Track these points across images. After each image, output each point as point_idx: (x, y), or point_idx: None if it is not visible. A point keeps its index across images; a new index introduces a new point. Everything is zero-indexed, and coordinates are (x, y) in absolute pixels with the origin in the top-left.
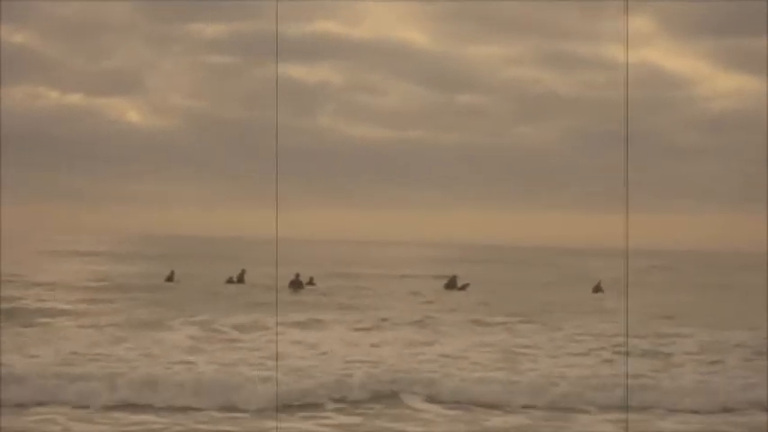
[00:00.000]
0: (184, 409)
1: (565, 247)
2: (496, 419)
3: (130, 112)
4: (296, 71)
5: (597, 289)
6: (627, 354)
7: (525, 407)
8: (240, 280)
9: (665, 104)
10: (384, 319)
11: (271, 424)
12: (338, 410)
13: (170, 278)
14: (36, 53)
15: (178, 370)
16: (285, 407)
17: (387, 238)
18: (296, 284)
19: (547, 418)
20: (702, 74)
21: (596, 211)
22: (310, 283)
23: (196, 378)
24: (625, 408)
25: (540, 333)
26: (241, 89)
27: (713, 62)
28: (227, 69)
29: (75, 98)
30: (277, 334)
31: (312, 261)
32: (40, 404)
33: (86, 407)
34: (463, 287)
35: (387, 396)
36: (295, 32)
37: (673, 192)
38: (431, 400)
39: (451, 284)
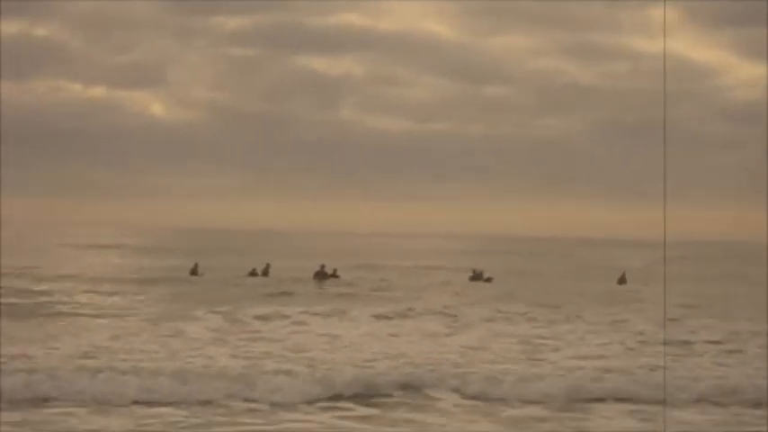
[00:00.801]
0: (204, 403)
1: (589, 238)
2: (517, 411)
3: (153, 105)
4: (319, 63)
5: (622, 280)
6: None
7: (546, 398)
8: (265, 273)
9: (691, 95)
10: (408, 311)
11: (293, 416)
12: (361, 402)
13: (194, 271)
14: (59, 47)
15: (200, 363)
16: (307, 399)
17: (411, 229)
18: (321, 275)
19: (568, 409)
20: (727, 63)
21: (621, 202)
22: (334, 275)
23: (218, 371)
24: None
25: (564, 324)
26: (264, 82)
27: (737, 51)
28: (249, 62)
29: (98, 91)
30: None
31: (336, 253)
32: (60, 397)
33: (107, 400)
34: (488, 279)
35: (410, 388)
36: (318, 25)
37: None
38: (454, 391)
39: (477, 276)
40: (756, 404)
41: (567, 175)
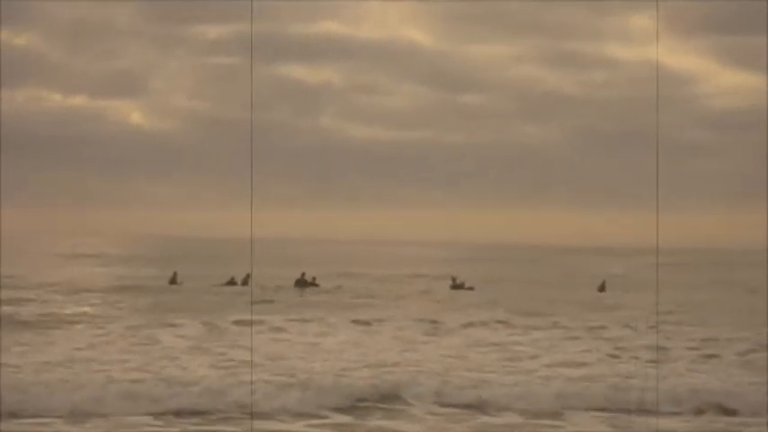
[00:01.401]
0: (179, 412)
1: (570, 246)
2: (493, 418)
3: (134, 114)
4: (299, 72)
5: (602, 288)
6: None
7: (522, 405)
8: (245, 283)
9: (671, 102)
10: (388, 319)
11: (268, 425)
12: (337, 410)
13: (173, 280)
14: (38, 55)
15: (176, 372)
16: (283, 408)
17: (391, 238)
18: (301, 283)
19: (544, 416)
20: (707, 71)
21: (602, 210)
22: (313, 283)
23: (195, 380)
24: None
25: (542, 332)
26: (245, 90)
27: (716, 60)
28: (230, 71)
29: (78, 100)
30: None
31: (317, 261)
32: (35, 410)
33: (81, 411)
34: (469, 287)
35: (387, 395)
36: (297, 33)
37: (677, 190)
38: (431, 399)
39: (457, 285)
40: (731, 412)
41: (548, 183)
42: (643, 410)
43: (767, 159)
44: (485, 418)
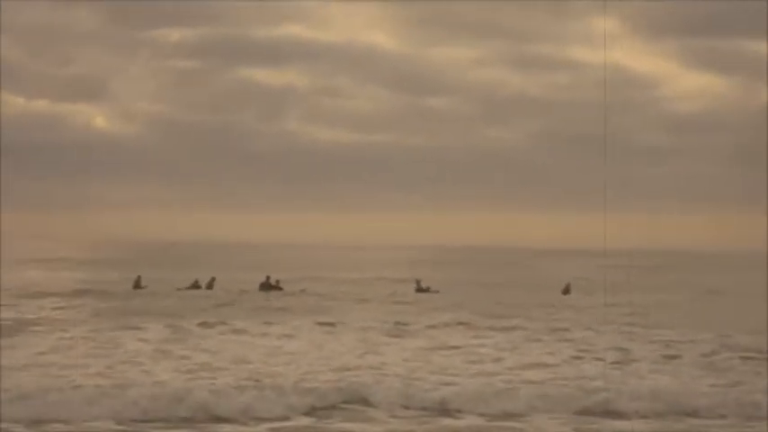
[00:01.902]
0: (141, 417)
1: (534, 248)
2: (455, 421)
3: (97, 118)
4: (262, 75)
5: (566, 290)
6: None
7: (486, 409)
8: (210, 287)
9: (632, 105)
10: (350, 323)
11: (230, 428)
12: (299, 413)
13: (137, 284)
14: (1, 60)
15: (139, 376)
16: (246, 411)
17: (356, 241)
18: (266, 287)
19: (506, 418)
20: (669, 74)
21: (567, 212)
22: (277, 286)
23: (157, 384)
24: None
25: (506, 334)
26: (206, 94)
27: (679, 62)
28: (192, 74)
29: (41, 104)
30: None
31: (281, 265)
32: None
33: (44, 416)
34: (433, 291)
35: (349, 398)
36: (261, 36)
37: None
38: (393, 401)
39: (421, 288)
40: (692, 414)
41: (512, 186)
42: (606, 412)
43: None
44: (447, 421)
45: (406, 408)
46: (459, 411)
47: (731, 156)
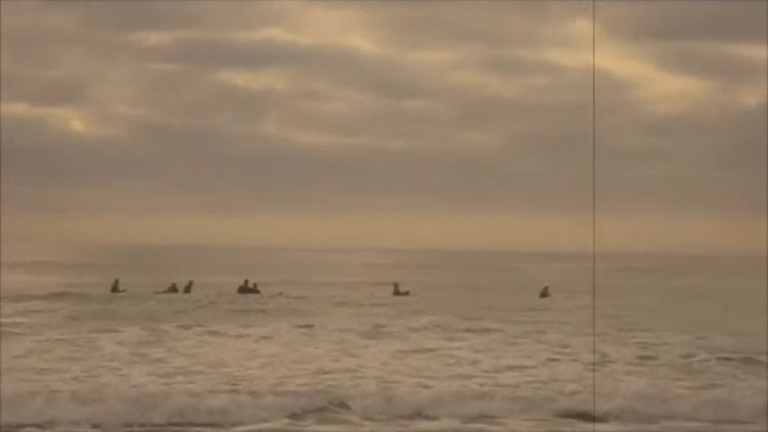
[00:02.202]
0: (115, 421)
1: (513, 252)
2: (431, 424)
3: (75, 122)
4: (241, 78)
5: (545, 293)
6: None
7: (461, 412)
8: (187, 290)
9: (610, 107)
10: (327, 326)
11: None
12: (274, 416)
13: (115, 288)
14: None
15: (114, 380)
16: (224, 415)
17: (335, 244)
18: (244, 290)
19: (481, 421)
20: (647, 76)
21: (546, 215)
22: (254, 290)
23: (133, 389)
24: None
25: (483, 337)
26: (185, 97)
27: (657, 65)
28: (171, 77)
29: (19, 108)
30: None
31: (259, 268)
32: None
33: (23, 423)
34: (411, 294)
35: (325, 402)
36: (241, 39)
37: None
38: (370, 406)
39: (400, 291)
40: (668, 416)
41: (491, 189)
42: (581, 414)
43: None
44: (423, 424)
45: (382, 411)
46: (434, 414)
47: (711, 158)
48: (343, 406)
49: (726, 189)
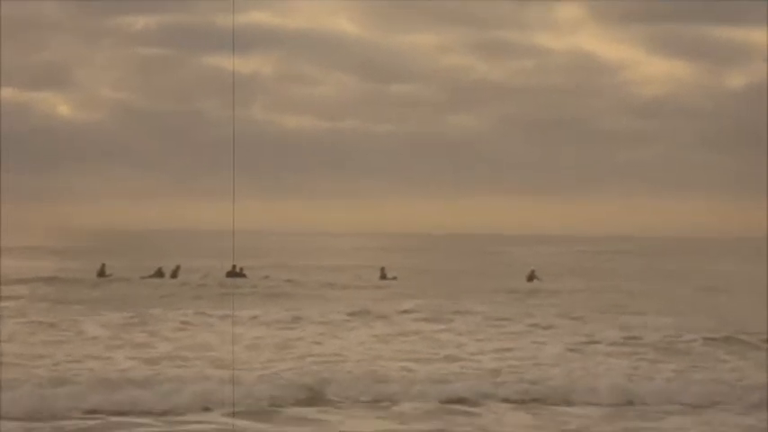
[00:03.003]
0: (106, 408)
1: (501, 235)
2: (412, 407)
3: (61, 106)
4: (227, 62)
5: (531, 277)
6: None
7: (444, 395)
8: (174, 275)
9: (597, 90)
10: (313, 310)
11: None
12: (260, 401)
13: (102, 272)
14: None
15: (99, 365)
16: (209, 400)
17: (322, 228)
18: (232, 275)
19: (464, 405)
20: (633, 59)
21: (533, 198)
22: (240, 273)
23: (117, 373)
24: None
25: (467, 322)
26: (171, 81)
27: (644, 48)
28: (158, 61)
29: (6, 93)
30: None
31: (247, 252)
32: None
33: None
34: (397, 278)
35: (310, 385)
36: (226, 23)
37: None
38: (354, 389)
39: (386, 275)
40: (646, 399)
41: (479, 172)
42: (561, 398)
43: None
44: (405, 406)
45: (365, 394)
46: (416, 396)
47: (697, 141)
48: (327, 389)
49: (713, 171)
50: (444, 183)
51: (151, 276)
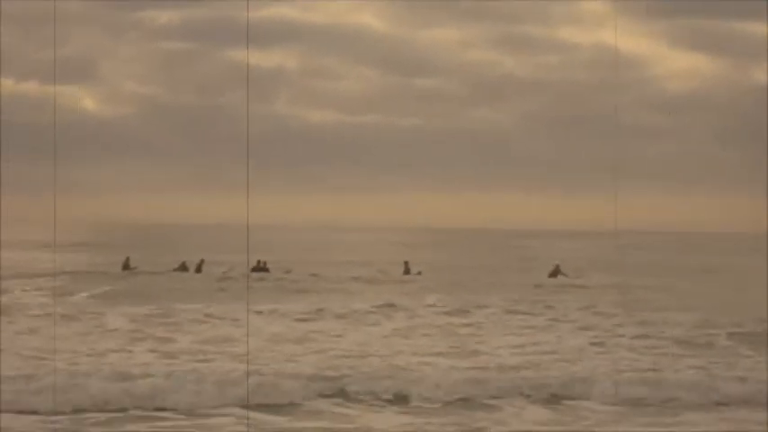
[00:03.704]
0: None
1: (525, 230)
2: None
3: (86, 100)
4: (251, 57)
5: (554, 272)
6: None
7: (464, 391)
8: (198, 269)
9: (621, 85)
10: (335, 305)
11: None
12: (281, 395)
13: (126, 265)
14: None
15: (119, 359)
16: (227, 398)
17: (345, 223)
18: (257, 270)
19: (482, 401)
20: (659, 54)
21: (557, 193)
22: (264, 268)
23: (139, 368)
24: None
25: (490, 318)
26: (195, 75)
27: (668, 43)
28: (181, 56)
29: (29, 86)
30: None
31: (270, 247)
32: None
33: (23, 406)
34: (421, 273)
35: (329, 382)
36: (250, 17)
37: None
38: (375, 386)
39: (410, 270)
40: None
41: (502, 167)
42: (583, 393)
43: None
44: (426, 401)
45: (385, 388)
46: (436, 391)
47: (722, 136)
48: (348, 383)
49: (739, 166)
50: (467, 178)
51: (175, 270)
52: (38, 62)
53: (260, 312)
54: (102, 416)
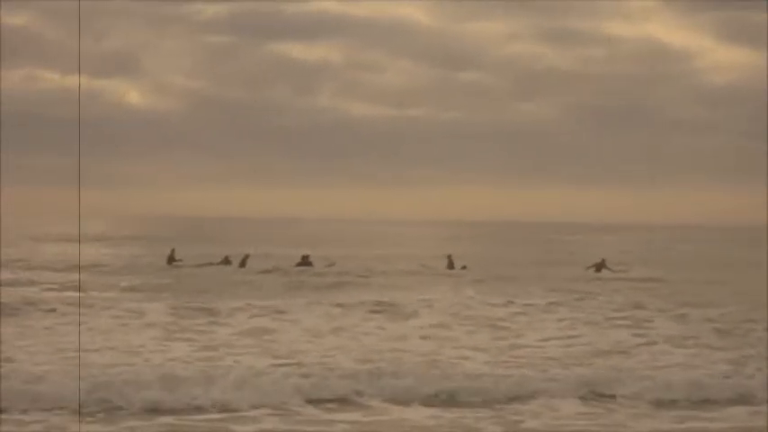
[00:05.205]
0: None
1: (570, 223)
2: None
3: (131, 94)
4: (296, 50)
5: (600, 267)
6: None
7: (506, 386)
8: (242, 264)
9: (667, 78)
10: (381, 300)
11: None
12: (315, 395)
13: (171, 258)
14: (35, 35)
15: (160, 357)
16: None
17: (389, 216)
18: (303, 264)
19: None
20: (704, 47)
21: (599, 186)
22: (307, 262)
23: (179, 365)
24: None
25: (532, 313)
26: (240, 69)
27: (714, 35)
28: (226, 49)
29: (74, 80)
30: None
31: (314, 241)
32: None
33: (66, 404)
34: (465, 267)
35: (366, 379)
36: (294, 11)
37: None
38: (408, 383)
39: (454, 264)
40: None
41: (546, 160)
42: (623, 389)
43: (765, 136)
44: (464, 396)
45: (426, 383)
46: (477, 385)
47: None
48: (388, 379)
49: None
50: (511, 171)
51: (218, 264)
52: (84, 56)
53: (301, 307)
54: (139, 410)
